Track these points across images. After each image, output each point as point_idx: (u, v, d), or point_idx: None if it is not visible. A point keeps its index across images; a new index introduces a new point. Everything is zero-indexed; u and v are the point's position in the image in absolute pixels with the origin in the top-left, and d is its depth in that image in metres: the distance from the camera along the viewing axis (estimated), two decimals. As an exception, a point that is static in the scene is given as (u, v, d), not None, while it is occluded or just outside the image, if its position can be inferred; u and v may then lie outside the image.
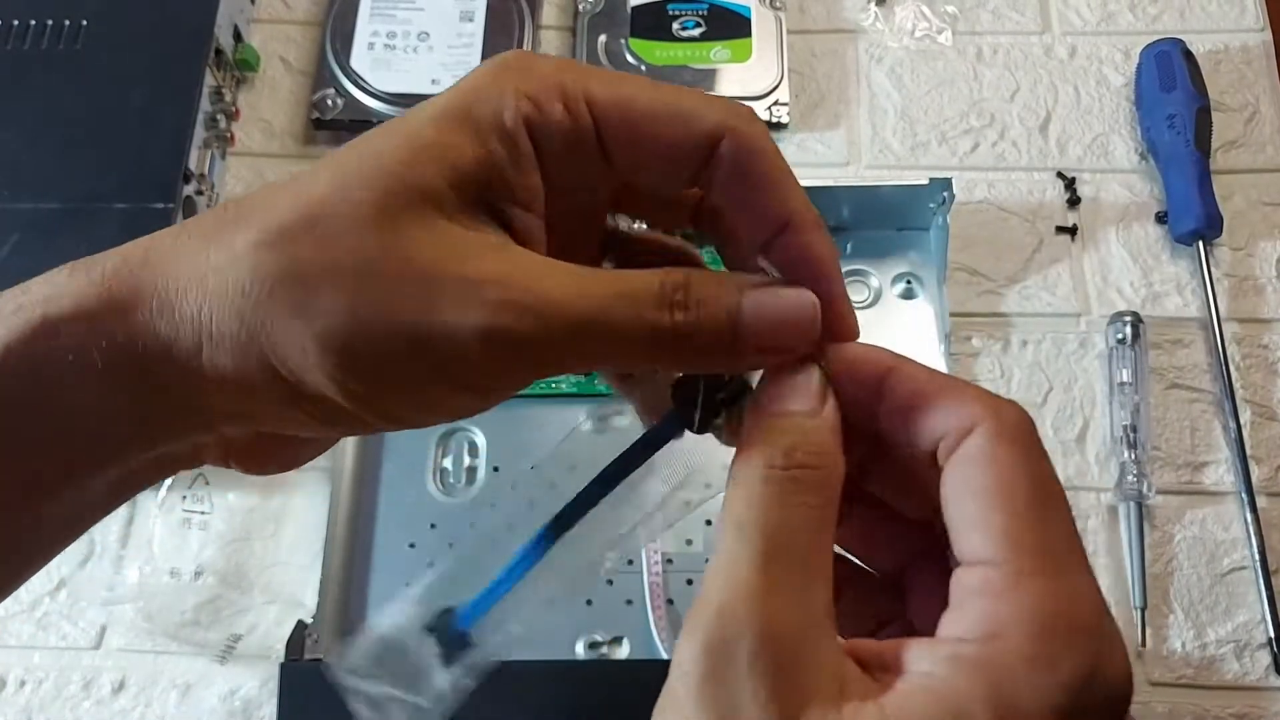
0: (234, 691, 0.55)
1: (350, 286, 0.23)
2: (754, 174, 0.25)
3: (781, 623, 0.22)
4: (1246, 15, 0.72)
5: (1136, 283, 0.64)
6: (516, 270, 0.24)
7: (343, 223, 0.23)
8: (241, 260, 0.23)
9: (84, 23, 0.66)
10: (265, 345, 0.23)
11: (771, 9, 0.71)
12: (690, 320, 0.24)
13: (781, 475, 0.24)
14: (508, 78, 0.24)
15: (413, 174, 0.23)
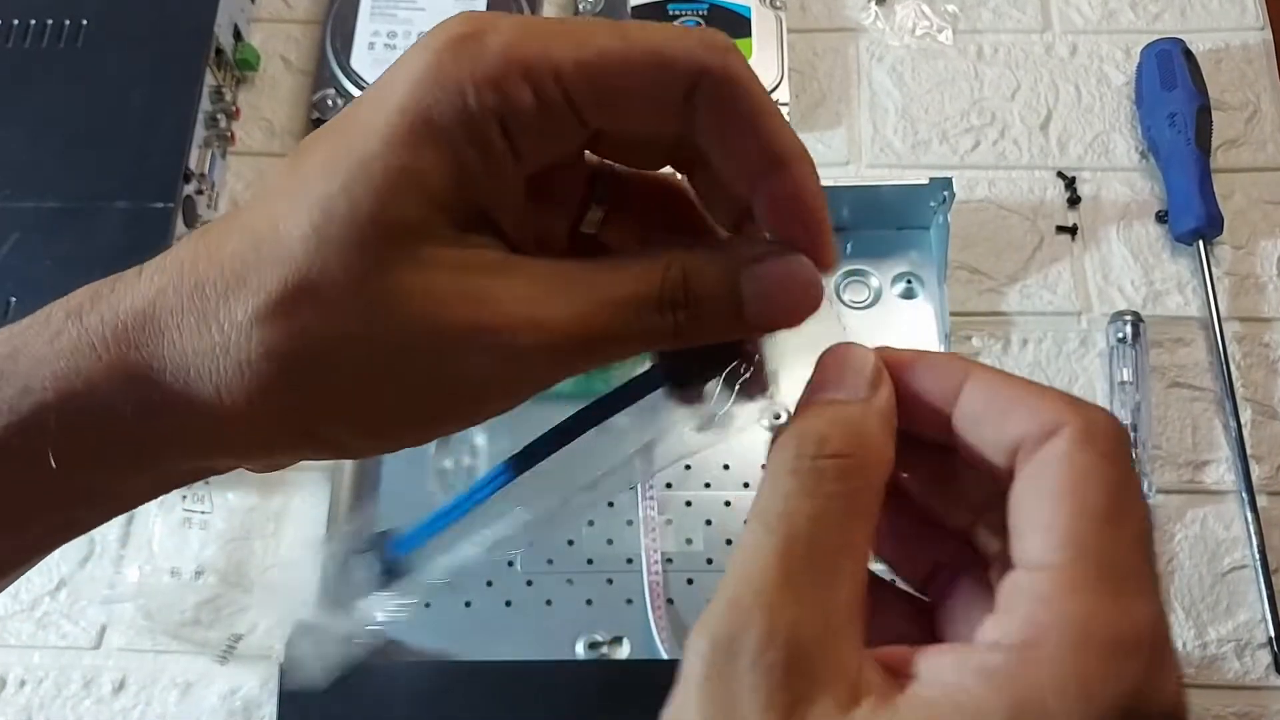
0: (234, 691, 0.55)
1: (359, 354, 0.23)
2: (736, 110, 0.24)
3: (794, 620, 0.21)
4: (1247, 14, 0.72)
5: (1137, 281, 0.64)
6: (515, 303, 0.23)
7: (336, 287, 0.22)
8: (247, 337, 0.23)
9: (84, 22, 0.66)
10: (286, 414, 0.24)
11: (772, 8, 0.71)
12: (693, 317, 0.24)
13: (811, 466, 0.23)
14: (462, 64, 0.22)
15: (389, 214, 0.22)
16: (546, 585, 0.57)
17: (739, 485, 0.58)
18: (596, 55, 0.23)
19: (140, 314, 0.23)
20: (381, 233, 0.22)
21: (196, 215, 0.64)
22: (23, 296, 0.58)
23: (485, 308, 0.23)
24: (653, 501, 0.58)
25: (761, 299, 0.24)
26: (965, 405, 0.24)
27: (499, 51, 0.22)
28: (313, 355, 0.23)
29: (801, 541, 0.22)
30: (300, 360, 0.23)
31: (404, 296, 0.22)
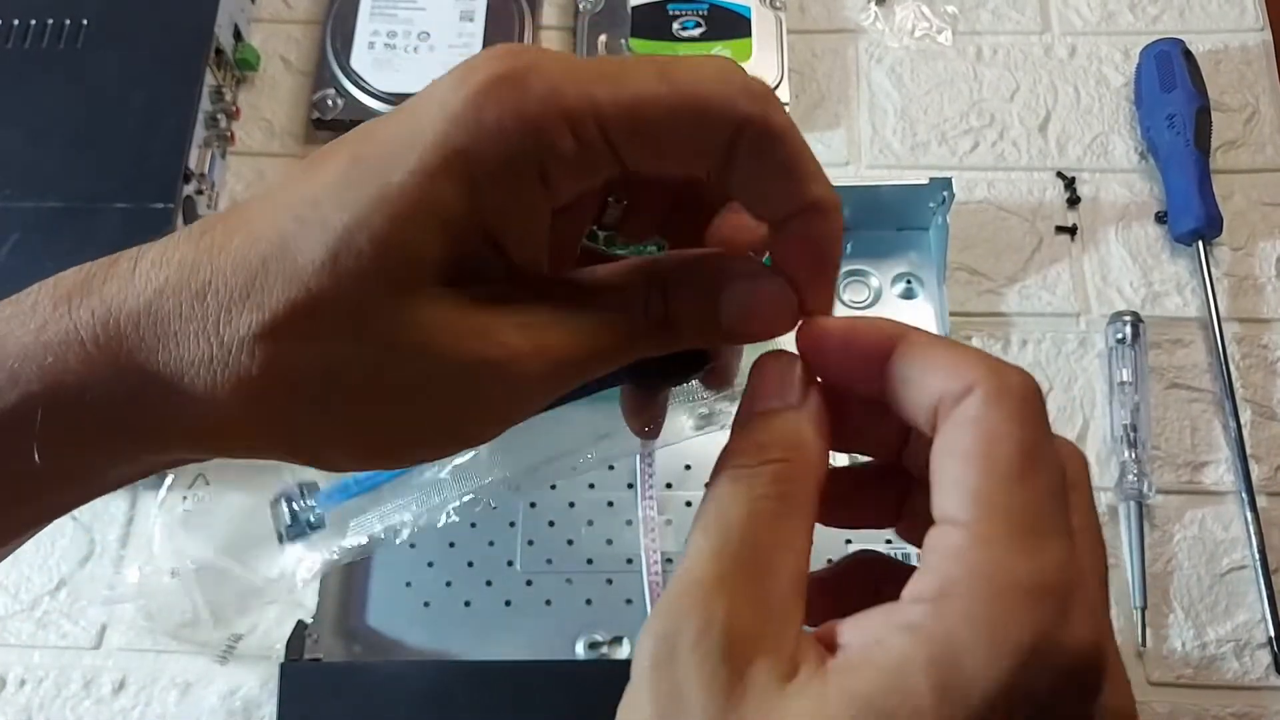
0: (234, 691, 0.55)
1: (360, 383, 0.23)
2: (775, 161, 0.24)
3: (727, 611, 0.22)
4: (1246, 15, 0.72)
5: (1136, 282, 0.64)
6: (515, 335, 0.24)
7: (346, 315, 0.22)
8: (249, 355, 0.23)
9: (84, 23, 0.66)
10: (280, 430, 0.24)
11: (771, 9, 0.71)
12: (673, 334, 0.26)
13: (748, 473, 0.24)
14: (506, 106, 0.22)
15: (411, 250, 0.22)
16: (546, 585, 0.57)
17: (739, 485, 0.58)
18: (638, 100, 0.23)
19: (136, 314, 0.23)
20: (399, 267, 0.22)
21: (196, 215, 0.64)
22: (23, 296, 0.58)
23: (491, 341, 0.23)
24: (652, 501, 0.58)
25: (739, 317, 0.26)
26: (894, 367, 0.25)
27: (542, 95, 0.22)
28: (313, 378, 0.23)
29: (734, 542, 0.23)
30: (299, 382, 0.23)
31: (413, 330, 0.23)
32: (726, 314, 0.25)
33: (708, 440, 0.59)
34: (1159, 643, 0.56)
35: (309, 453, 0.25)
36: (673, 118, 0.23)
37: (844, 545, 0.57)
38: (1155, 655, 0.55)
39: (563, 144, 0.22)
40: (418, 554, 0.57)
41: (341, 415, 0.24)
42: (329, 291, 0.22)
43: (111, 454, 0.25)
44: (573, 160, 0.23)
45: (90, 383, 0.23)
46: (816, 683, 0.21)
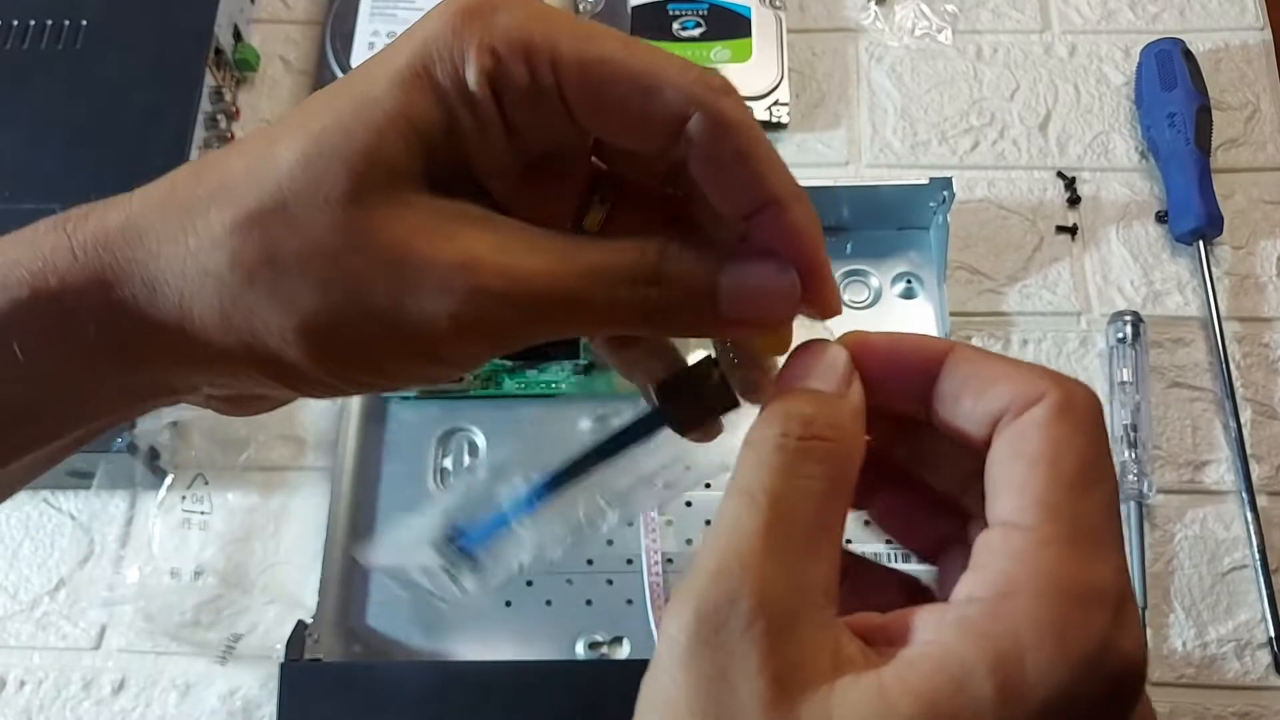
0: (234, 691, 0.55)
1: (324, 274, 0.23)
2: (726, 152, 0.24)
3: (780, 592, 0.21)
4: (1246, 14, 0.72)
5: (1137, 281, 0.64)
6: (486, 249, 0.23)
7: (314, 208, 0.23)
8: (218, 246, 0.23)
9: (84, 23, 0.66)
10: (244, 329, 0.24)
11: (771, 8, 0.71)
12: (665, 296, 0.24)
13: (796, 445, 0.23)
14: (470, 29, 0.23)
15: (380, 150, 0.23)
16: (546, 585, 0.57)
17: (739, 485, 0.58)
18: (595, 58, 0.23)
19: (123, 222, 0.24)
20: (367, 166, 0.23)
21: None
22: (22, 297, 0.58)
23: (453, 244, 0.23)
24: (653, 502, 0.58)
25: (738, 295, 0.25)
26: (946, 382, 0.25)
27: (505, 26, 0.23)
28: (277, 269, 0.23)
29: (786, 517, 0.22)
30: (264, 273, 0.23)
31: (376, 224, 0.23)
32: (726, 291, 0.24)
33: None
34: (1160, 642, 0.56)
35: (278, 360, 0.24)
36: (622, 80, 0.23)
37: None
38: (1156, 655, 0.55)
39: (515, 73, 0.23)
40: (418, 554, 0.57)
41: (309, 311, 0.23)
42: (299, 185, 0.23)
43: (96, 367, 0.25)
44: (525, 94, 0.23)
45: (71, 287, 0.24)
46: (871, 678, 0.21)
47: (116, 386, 0.25)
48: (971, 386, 0.24)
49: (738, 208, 0.25)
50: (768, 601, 0.21)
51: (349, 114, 0.23)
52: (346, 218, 0.23)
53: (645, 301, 0.24)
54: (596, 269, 0.24)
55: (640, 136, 0.24)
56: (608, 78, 0.23)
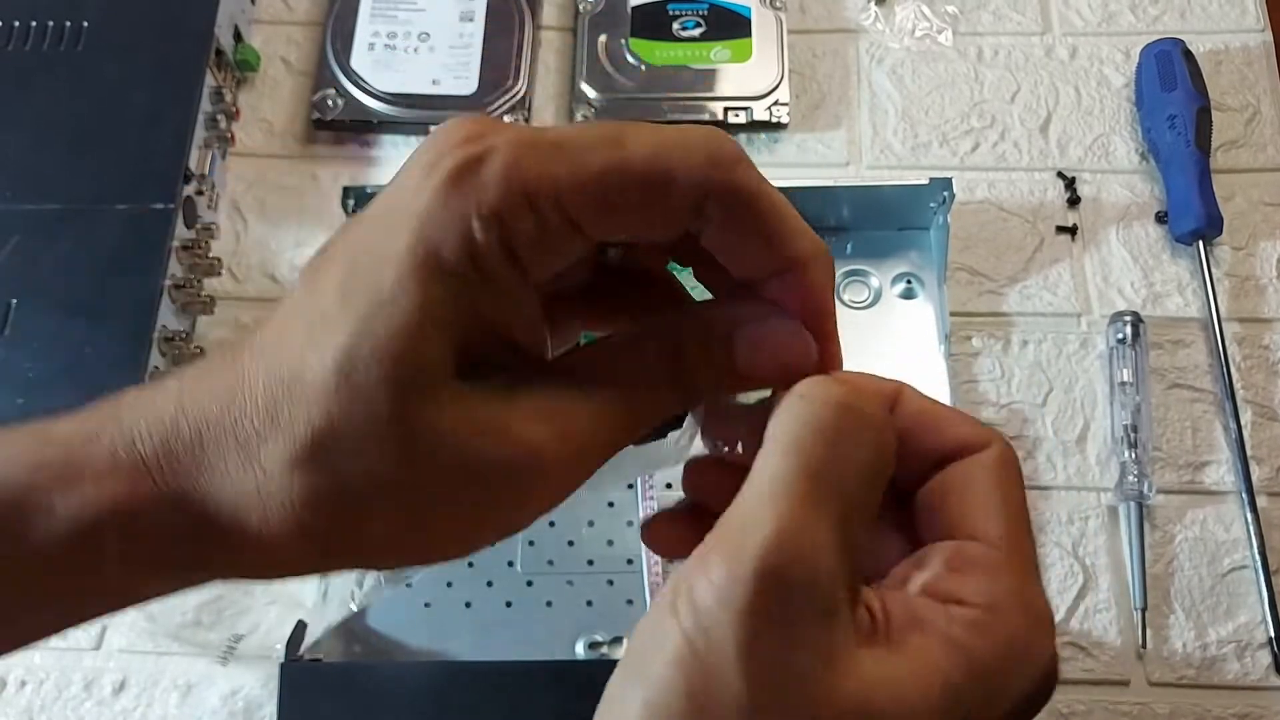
0: (235, 692, 0.55)
1: (395, 499, 0.23)
2: (747, 224, 0.24)
3: (835, 566, 0.21)
4: (1247, 15, 0.72)
5: (1137, 283, 0.64)
6: (538, 423, 0.24)
7: (365, 436, 0.23)
8: (287, 482, 0.23)
9: (85, 24, 0.66)
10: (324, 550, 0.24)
11: (772, 9, 0.71)
12: (692, 390, 0.26)
13: (845, 410, 0.23)
14: (464, 197, 0.22)
15: (412, 356, 0.23)
16: (547, 586, 0.57)
17: (739, 486, 0.58)
18: (597, 173, 0.23)
19: (190, 445, 0.24)
20: (404, 375, 0.22)
21: (197, 216, 0.64)
22: (25, 298, 0.58)
23: (511, 436, 0.23)
24: (653, 503, 0.58)
25: (753, 358, 0.26)
26: (908, 415, 0.26)
27: (499, 180, 0.22)
28: (348, 498, 0.23)
29: (835, 487, 0.22)
30: (337, 504, 0.23)
31: (433, 434, 0.23)
32: (741, 357, 0.25)
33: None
34: (1160, 643, 0.56)
35: (356, 563, 0.26)
36: (634, 188, 0.23)
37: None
38: (1156, 656, 0.55)
39: (524, 227, 0.23)
40: (418, 554, 0.57)
41: (382, 526, 0.24)
42: (345, 411, 0.23)
43: (154, 575, 0.25)
44: (537, 241, 0.23)
45: (151, 512, 0.24)
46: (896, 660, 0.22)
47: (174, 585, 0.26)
48: (926, 424, 0.26)
49: (759, 272, 0.25)
50: (831, 578, 0.21)
51: (368, 320, 0.23)
52: (398, 439, 0.23)
53: (681, 403, 0.26)
54: (631, 392, 0.25)
55: (656, 228, 0.24)
56: (614, 188, 0.23)
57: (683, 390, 0.26)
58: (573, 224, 0.23)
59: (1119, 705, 0.54)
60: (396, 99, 0.68)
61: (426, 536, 0.25)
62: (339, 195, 0.62)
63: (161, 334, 0.59)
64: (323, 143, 0.70)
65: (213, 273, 0.64)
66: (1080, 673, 0.55)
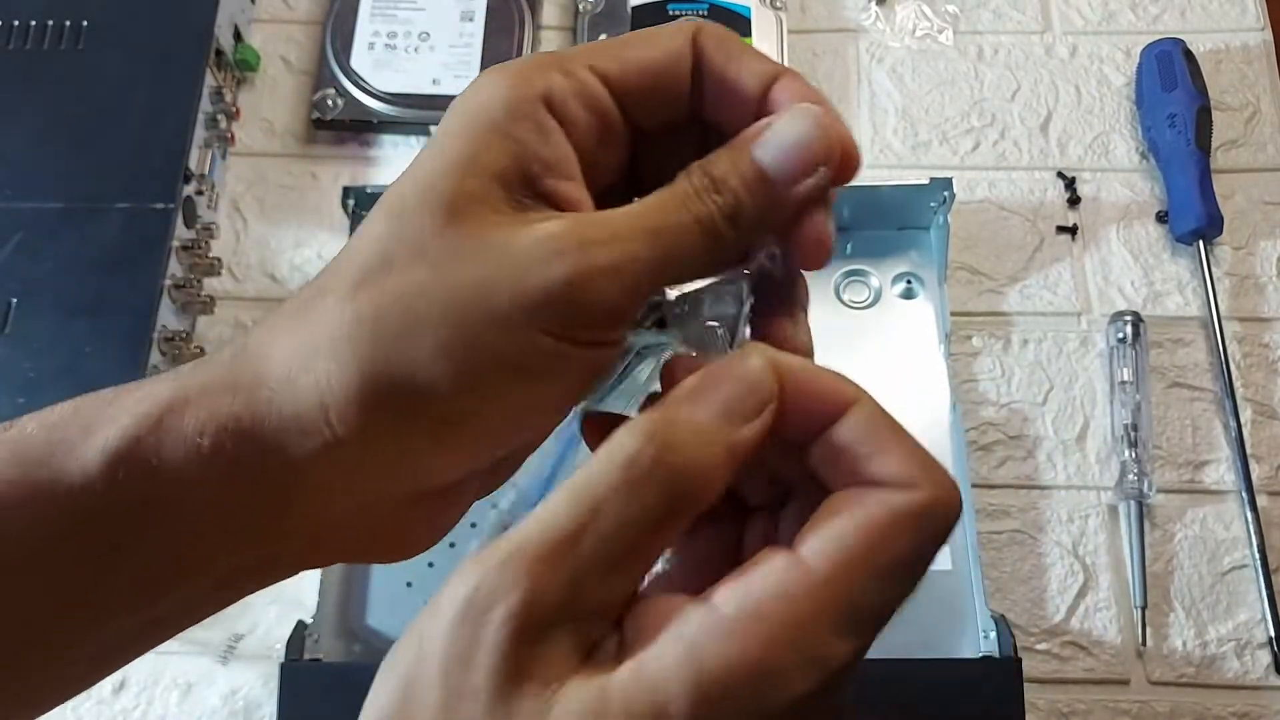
0: (235, 691, 0.55)
1: (442, 296, 0.24)
2: (734, 51, 0.27)
3: (552, 603, 0.21)
4: (1247, 15, 0.72)
5: (1137, 282, 0.64)
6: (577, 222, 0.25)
7: (412, 248, 0.24)
8: (339, 315, 0.24)
9: (85, 23, 0.66)
10: (384, 376, 0.24)
11: (772, 9, 0.71)
12: (727, 199, 0.25)
13: (646, 472, 0.22)
14: (509, 69, 0.26)
15: (460, 186, 0.24)
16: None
17: (739, 485, 0.58)
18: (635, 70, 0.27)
19: (257, 337, 0.25)
20: (446, 200, 0.24)
21: (196, 216, 0.64)
22: (25, 297, 0.58)
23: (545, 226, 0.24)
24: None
25: (780, 157, 0.26)
26: (841, 430, 0.24)
27: (561, 79, 0.26)
28: (399, 310, 0.24)
29: (602, 537, 0.22)
30: (388, 318, 0.24)
31: (470, 240, 0.24)
32: (768, 158, 0.26)
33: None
34: (1159, 642, 0.56)
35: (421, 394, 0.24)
36: (667, 75, 0.27)
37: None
38: (1156, 654, 0.55)
39: (580, 117, 0.26)
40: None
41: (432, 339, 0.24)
42: (389, 237, 0.24)
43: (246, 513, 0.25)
44: (591, 126, 0.26)
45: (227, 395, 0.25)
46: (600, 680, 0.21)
47: (246, 517, 0.25)
48: (872, 445, 0.23)
49: (752, 95, 0.27)
50: (533, 608, 0.21)
51: (424, 169, 0.25)
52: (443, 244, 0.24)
53: (720, 209, 0.25)
54: (667, 201, 0.25)
55: (674, 102, 0.27)
56: (649, 82, 0.27)
57: (721, 205, 0.25)
58: (607, 87, 0.26)
59: (1119, 704, 0.54)
60: (396, 99, 0.68)
61: (475, 358, 0.24)
62: (339, 195, 0.62)
63: (161, 334, 0.59)
64: (323, 142, 0.70)
65: (213, 272, 0.64)
66: (1080, 672, 0.55)
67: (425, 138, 0.70)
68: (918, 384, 0.60)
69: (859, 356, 0.61)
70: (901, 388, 0.60)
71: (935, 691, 0.50)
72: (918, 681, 0.51)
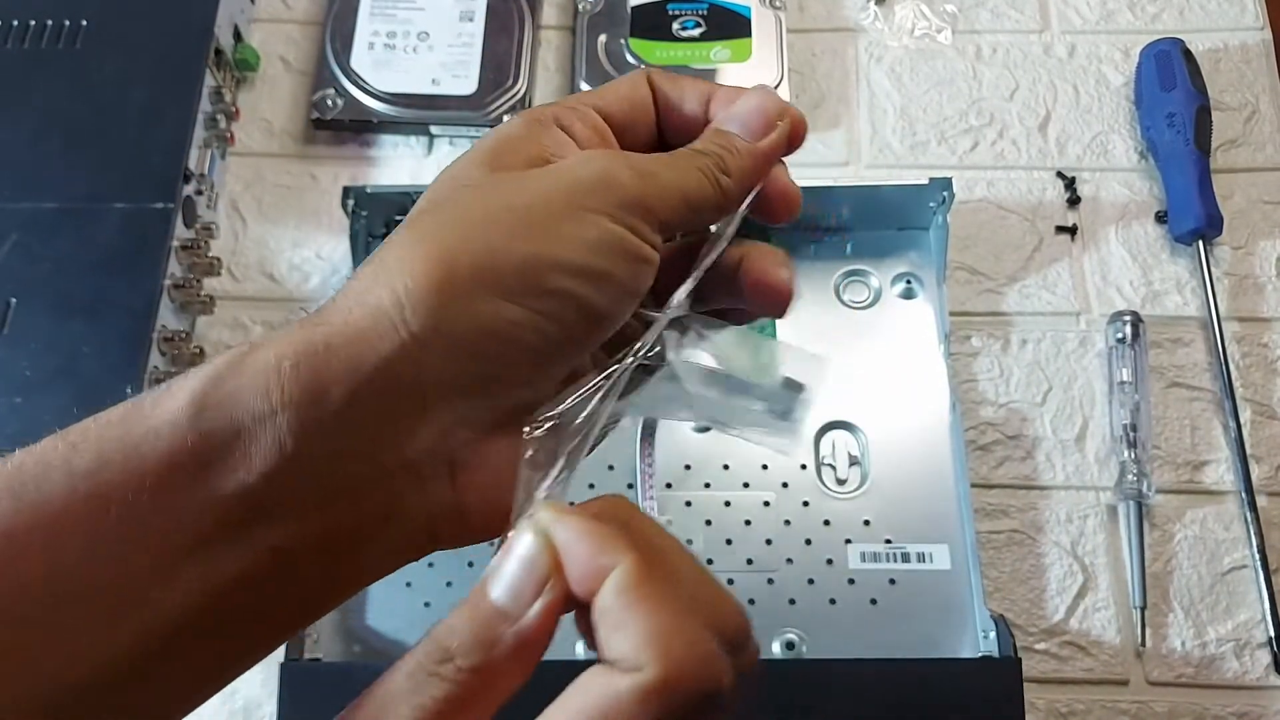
0: (235, 691, 0.55)
1: (508, 197, 0.27)
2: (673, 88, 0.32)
3: None
4: (1246, 14, 0.72)
5: (1136, 282, 0.64)
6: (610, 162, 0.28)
7: (470, 184, 0.28)
8: (400, 239, 0.26)
9: (84, 23, 0.66)
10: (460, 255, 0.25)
11: (771, 8, 0.71)
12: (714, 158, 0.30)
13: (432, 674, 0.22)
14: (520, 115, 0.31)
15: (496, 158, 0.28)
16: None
17: (739, 485, 0.58)
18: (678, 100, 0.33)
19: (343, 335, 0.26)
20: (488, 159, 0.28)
21: (196, 216, 0.64)
22: (23, 298, 0.58)
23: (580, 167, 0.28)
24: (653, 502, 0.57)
25: (744, 122, 0.31)
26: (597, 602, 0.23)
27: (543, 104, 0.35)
28: (467, 215, 0.26)
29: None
30: (458, 223, 0.26)
31: (525, 170, 0.28)
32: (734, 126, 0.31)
33: (708, 440, 0.59)
34: (1159, 642, 0.56)
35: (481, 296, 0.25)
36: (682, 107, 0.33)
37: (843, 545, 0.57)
38: (1155, 655, 0.55)
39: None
40: (418, 554, 0.57)
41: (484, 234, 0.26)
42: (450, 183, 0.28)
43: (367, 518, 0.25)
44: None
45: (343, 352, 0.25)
46: None
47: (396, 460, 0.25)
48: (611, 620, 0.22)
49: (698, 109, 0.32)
50: None
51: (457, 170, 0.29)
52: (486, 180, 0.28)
53: (714, 163, 0.30)
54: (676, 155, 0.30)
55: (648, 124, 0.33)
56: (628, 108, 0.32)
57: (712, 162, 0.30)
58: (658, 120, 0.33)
59: (1118, 704, 0.54)
60: (396, 99, 0.68)
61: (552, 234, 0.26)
62: (338, 195, 0.62)
63: (161, 334, 0.59)
64: (322, 142, 0.70)
65: (212, 272, 0.64)
66: (1079, 672, 0.55)
67: (425, 138, 0.70)
68: (917, 384, 0.60)
69: (859, 357, 0.61)
70: (901, 388, 0.60)
71: (935, 691, 0.50)
72: (918, 681, 0.51)
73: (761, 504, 0.58)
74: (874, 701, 0.50)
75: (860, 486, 0.58)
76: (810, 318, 0.62)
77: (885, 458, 0.59)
